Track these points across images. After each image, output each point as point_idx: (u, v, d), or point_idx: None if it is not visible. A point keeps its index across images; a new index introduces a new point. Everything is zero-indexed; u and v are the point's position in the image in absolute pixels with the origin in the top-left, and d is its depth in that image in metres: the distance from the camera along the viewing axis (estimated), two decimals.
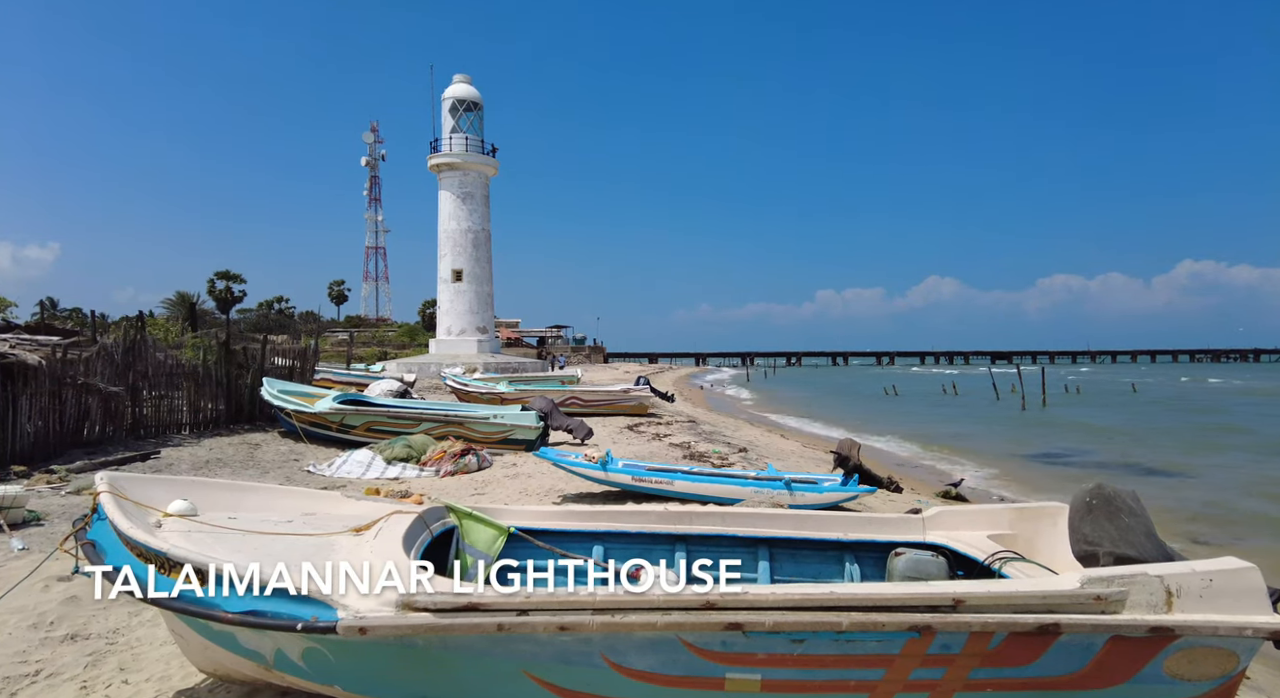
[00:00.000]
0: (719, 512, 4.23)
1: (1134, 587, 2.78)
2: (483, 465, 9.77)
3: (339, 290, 78.08)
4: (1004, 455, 16.00)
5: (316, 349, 20.53)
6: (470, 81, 39.03)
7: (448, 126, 37.86)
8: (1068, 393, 38.48)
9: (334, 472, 9.47)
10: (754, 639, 2.64)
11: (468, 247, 37.61)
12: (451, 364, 31.20)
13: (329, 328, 61.51)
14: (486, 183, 38.67)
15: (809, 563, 4.08)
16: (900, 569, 3.67)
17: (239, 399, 12.96)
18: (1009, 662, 2.77)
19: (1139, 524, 3.32)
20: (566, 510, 4.16)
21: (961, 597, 2.72)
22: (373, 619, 2.53)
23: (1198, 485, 12.48)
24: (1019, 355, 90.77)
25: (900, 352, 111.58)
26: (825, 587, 2.74)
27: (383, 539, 3.06)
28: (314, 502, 3.82)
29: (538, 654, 2.65)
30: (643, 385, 18.82)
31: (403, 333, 58.82)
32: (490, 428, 11.19)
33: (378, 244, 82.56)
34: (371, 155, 79.44)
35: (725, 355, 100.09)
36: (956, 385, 43.20)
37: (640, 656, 2.64)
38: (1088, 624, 2.73)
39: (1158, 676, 2.79)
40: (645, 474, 7.60)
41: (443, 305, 38.51)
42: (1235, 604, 2.75)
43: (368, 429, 11.29)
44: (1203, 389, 44.11)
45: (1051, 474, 13.52)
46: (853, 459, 7.91)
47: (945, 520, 4.05)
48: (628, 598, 2.61)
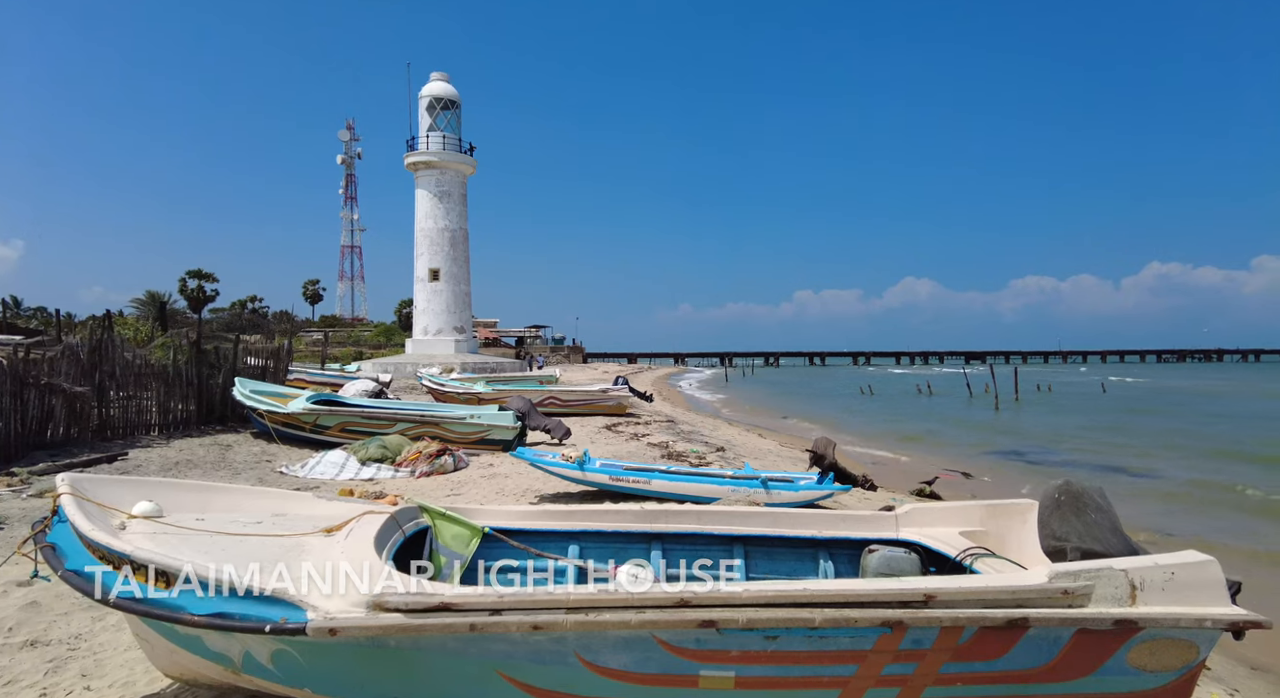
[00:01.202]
0: (695, 510, 4.24)
1: (1099, 581, 2.83)
2: (459, 466, 9.70)
3: (314, 290, 77.15)
4: (977, 453, 16.22)
5: (290, 349, 20.26)
6: (448, 80, 38.76)
7: (425, 125, 37.56)
8: (1039, 392, 39.11)
9: (307, 473, 9.35)
10: (728, 637, 2.65)
11: (445, 246, 37.33)
12: (428, 364, 30.97)
13: (303, 328, 60.72)
14: (464, 182, 38.42)
15: (784, 561, 4.10)
16: (874, 566, 3.70)
17: (210, 400, 12.75)
18: (979, 656, 2.80)
19: (1105, 520, 3.38)
20: (542, 510, 4.14)
21: (933, 593, 2.75)
22: (343, 620, 2.50)
23: (1163, 482, 12.75)
24: (992, 355, 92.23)
25: (876, 352, 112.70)
26: (798, 584, 2.75)
27: (354, 540, 3.03)
28: (284, 502, 3.77)
29: (511, 654, 2.63)
30: (621, 385, 18.81)
31: (379, 333, 58.25)
32: (467, 428, 11.11)
33: (353, 243, 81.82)
34: (347, 153, 78.61)
35: (704, 355, 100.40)
36: (931, 385, 43.72)
37: (614, 654, 2.63)
38: (1055, 618, 2.77)
39: (1122, 667, 2.85)
40: (623, 474, 7.59)
41: (419, 305, 38.18)
42: (1196, 597, 2.82)
43: (342, 430, 11.15)
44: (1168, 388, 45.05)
45: (1022, 471, 13.73)
46: (828, 458, 7.97)
47: (918, 518, 4.09)
48: (602, 597, 2.61)
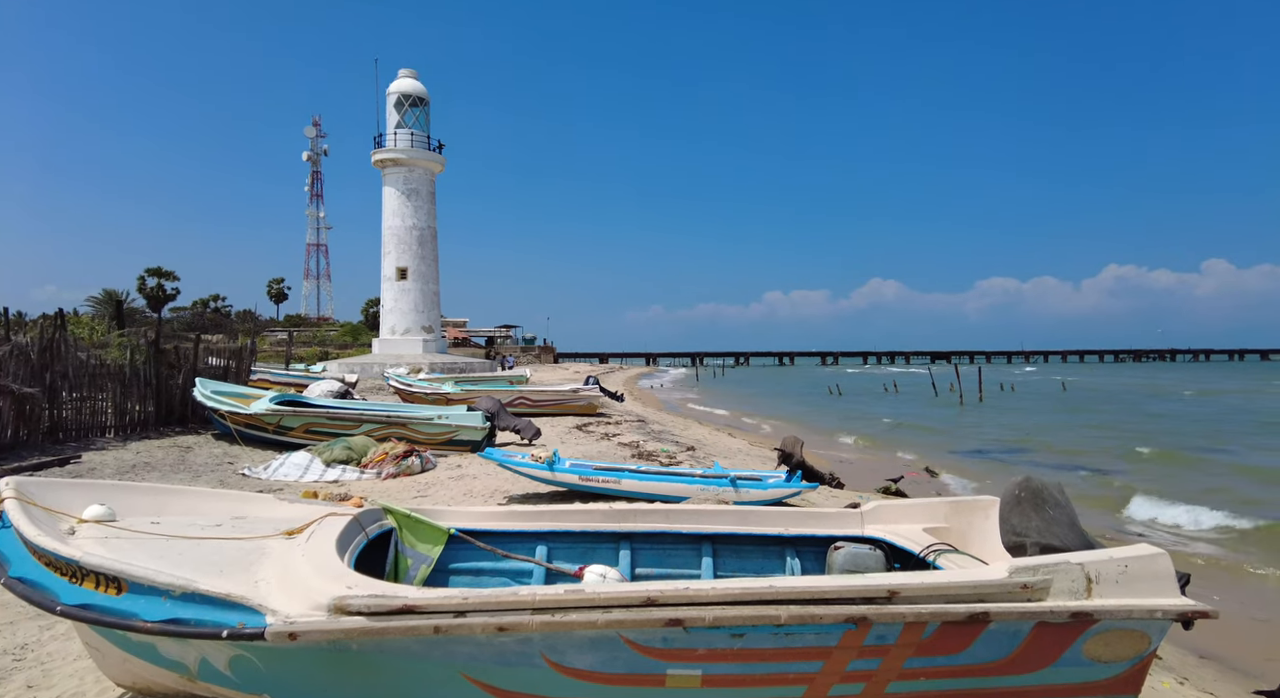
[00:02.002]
0: (663, 509, 4.23)
1: (1057, 575, 2.89)
2: (426, 467, 9.59)
3: (278, 289, 75.75)
4: (941, 451, 16.50)
5: (253, 349, 19.85)
6: (416, 76, 38.35)
7: (392, 122, 37.11)
8: (1003, 391, 39.96)
9: (270, 474, 9.16)
10: (695, 635, 2.65)
11: (413, 244, 36.90)
12: (395, 364, 30.60)
13: (267, 327, 59.61)
14: (432, 179, 38.03)
15: (751, 558, 4.12)
16: (839, 563, 3.74)
17: (169, 400, 12.44)
18: (942, 650, 2.85)
19: (1063, 515, 3.46)
20: (509, 511, 4.11)
21: (896, 588, 2.78)
22: (303, 624, 2.44)
23: (1119, 477, 13.09)
24: (957, 355, 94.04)
25: (844, 352, 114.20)
26: (764, 581, 2.76)
27: (315, 542, 2.97)
28: (245, 505, 3.68)
29: (476, 656, 2.60)
30: (592, 385, 18.76)
31: (345, 332, 57.39)
32: (434, 429, 10.99)
33: (319, 241, 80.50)
34: (313, 150, 77.31)
35: (676, 356, 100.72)
36: (898, 384, 44.43)
37: (580, 654, 2.62)
38: (1015, 612, 2.83)
39: (1078, 659, 2.91)
40: (592, 474, 7.57)
41: (387, 304, 37.70)
42: (1148, 588, 2.89)
43: (306, 431, 10.96)
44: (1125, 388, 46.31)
45: (985, 468, 14.00)
46: (796, 456, 8.05)
47: (883, 514, 4.14)
48: (568, 597, 2.59)
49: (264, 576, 2.68)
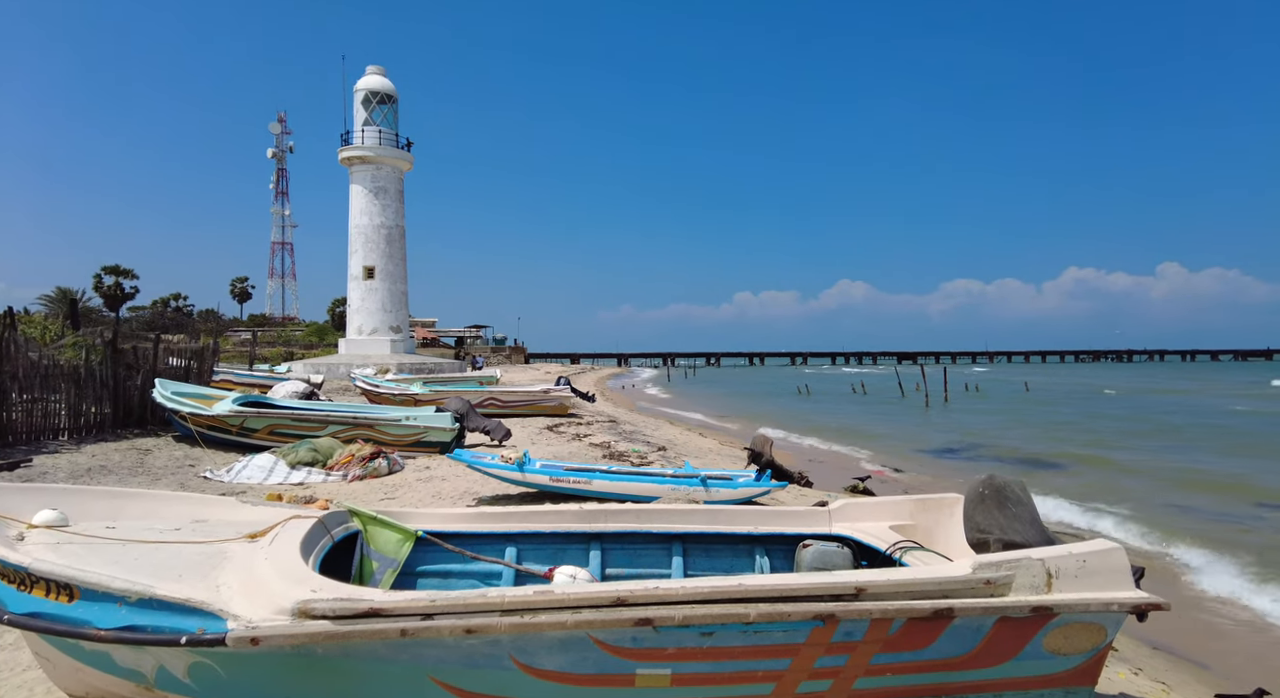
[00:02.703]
0: (634, 509, 4.23)
1: (1019, 570, 2.96)
2: (394, 469, 9.47)
3: (242, 288, 74.25)
4: (908, 450, 16.76)
5: (216, 349, 19.42)
6: (384, 73, 37.87)
7: (360, 119, 36.61)
8: (967, 391, 40.74)
9: (233, 477, 8.97)
10: (664, 634, 2.66)
11: (380, 243, 36.43)
12: (362, 365, 30.19)
13: (231, 327, 58.42)
14: (400, 177, 37.58)
15: (721, 557, 4.14)
16: (807, 560, 3.77)
17: (127, 402, 12.10)
18: (907, 646, 2.89)
19: (1025, 512, 3.54)
20: (477, 513, 4.07)
21: (863, 586, 2.81)
22: (266, 629, 2.39)
23: (1080, 474, 13.43)
24: (923, 356, 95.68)
25: (813, 352, 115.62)
26: (734, 579, 2.78)
27: (279, 545, 2.91)
28: (206, 508, 3.60)
29: (444, 659, 2.58)
30: (563, 386, 18.69)
31: (310, 332, 56.47)
32: (402, 430, 10.86)
33: (284, 240, 79.06)
34: (279, 147, 75.86)
35: (647, 356, 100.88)
36: (865, 384, 45.01)
37: (550, 656, 2.61)
38: (978, 607, 2.88)
39: (1039, 652, 2.98)
40: (563, 474, 7.54)
41: (353, 304, 37.16)
42: (1104, 582, 2.97)
43: (270, 432, 10.75)
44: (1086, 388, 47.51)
45: (951, 467, 14.25)
46: (766, 455, 8.11)
47: (850, 513, 4.19)
48: (537, 598, 2.58)
49: (225, 580, 2.62)
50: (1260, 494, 11.54)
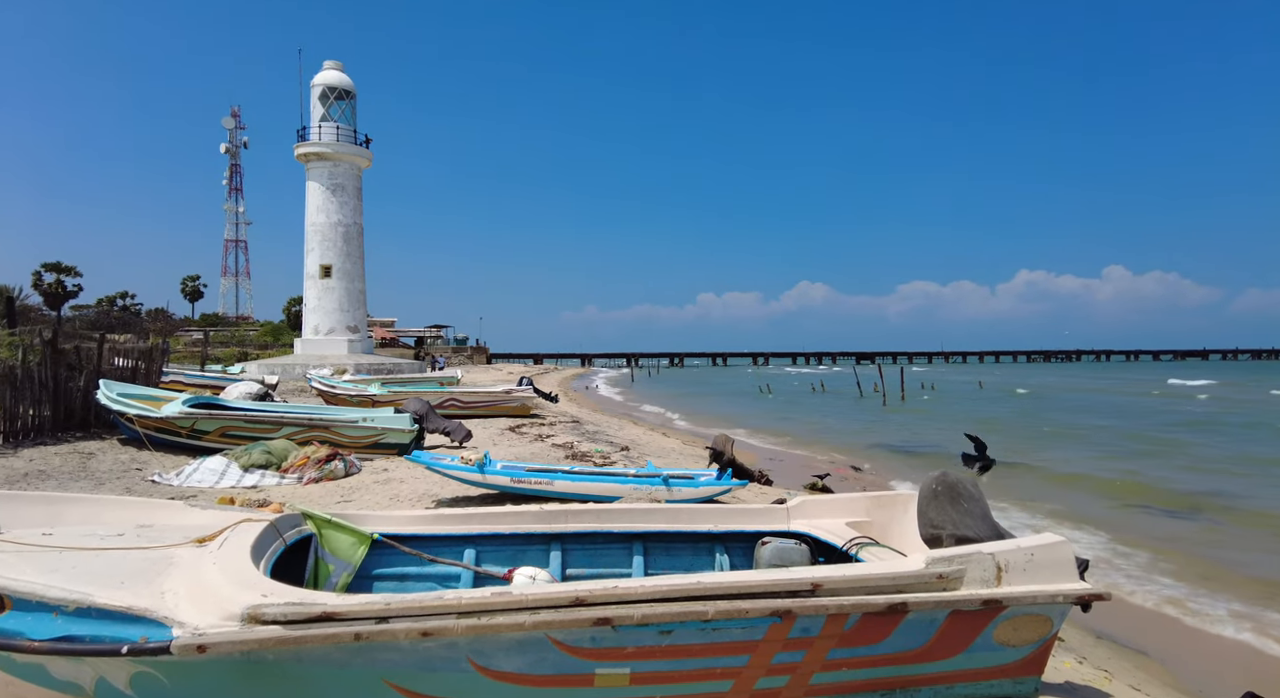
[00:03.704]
0: (595, 509, 4.23)
1: (970, 565, 3.03)
2: (350, 471, 9.29)
3: (194, 286, 72.12)
4: (866, 448, 17.04)
5: (166, 349, 18.83)
6: (342, 68, 37.16)
7: (317, 115, 35.87)
8: (923, 390, 41.65)
9: (183, 481, 8.70)
10: (623, 633, 2.66)
11: (338, 241, 35.75)
12: (319, 365, 29.58)
13: (181, 326, 56.74)
14: (359, 175, 36.93)
15: (682, 556, 4.16)
16: (766, 557, 3.81)
17: (69, 404, 11.63)
18: (863, 641, 2.94)
19: (976, 508, 3.63)
20: (435, 514, 4.02)
21: (819, 581, 2.86)
22: (213, 636, 2.33)
23: (1031, 470, 13.82)
24: (881, 356, 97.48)
25: (775, 352, 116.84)
26: (692, 577, 2.79)
27: (228, 549, 2.84)
28: (151, 512, 3.49)
29: (399, 663, 2.54)
30: (525, 386, 18.54)
31: (265, 332, 55.15)
32: (359, 432, 10.66)
33: (238, 237, 77.14)
34: (232, 142, 73.93)
35: (611, 356, 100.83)
36: (825, 384, 45.71)
37: (508, 657, 2.59)
38: (931, 601, 2.95)
39: (989, 644, 3.06)
40: (524, 475, 7.48)
41: (310, 303, 36.39)
42: (1051, 575, 3.07)
43: (222, 434, 10.45)
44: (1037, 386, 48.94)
45: (906, 464, 14.54)
46: (727, 454, 8.17)
47: (808, 510, 4.25)
48: (495, 600, 2.56)
49: (171, 586, 2.55)
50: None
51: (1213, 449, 17.28)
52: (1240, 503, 10.94)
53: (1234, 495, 11.44)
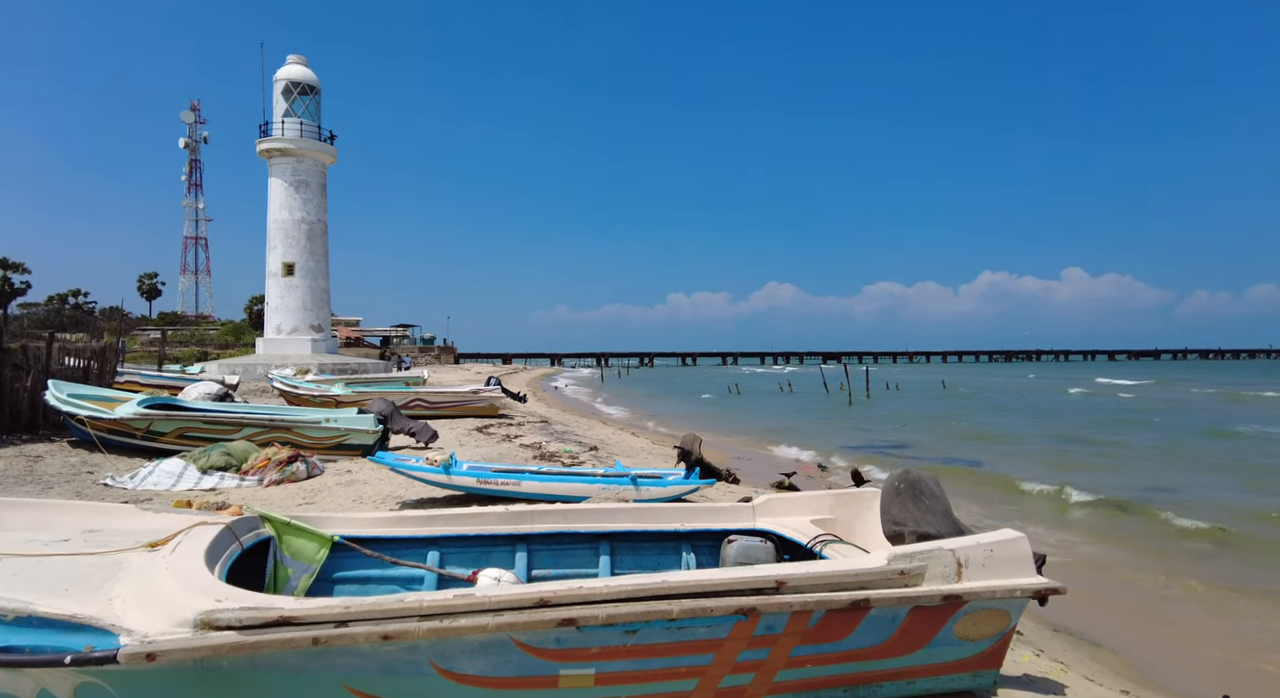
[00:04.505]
0: (561, 509, 4.20)
1: (931, 561, 3.08)
2: (313, 473, 9.12)
3: (151, 284, 70.19)
4: (832, 446, 17.24)
5: (121, 348, 18.30)
6: (306, 63, 36.49)
7: (280, 110, 35.18)
8: (888, 389, 42.32)
9: (138, 484, 8.45)
10: (588, 634, 2.65)
11: (301, 238, 35.10)
12: (281, 365, 29.02)
13: (138, 325, 55.21)
14: (323, 171, 36.30)
15: (648, 555, 4.16)
16: (732, 556, 3.83)
17: (15, 405, 11.24)
18: (827, 638, 2.97)
19: (938, 505, 3.68)
20: (399, 516, 3.96)
21: (784, 579, 2.88)
22: (164, 643, 2.26)
23: (990, 468, 14.10)
24: (847, 355, 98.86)
25: (743, 352, 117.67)
26: (658, 576, 2.79)
27: (181, 554, 2.76)
28: (100, 516, 3.37)
29: (360, 667, 2.50)
30: (494, 386, 18.38)
31: (226, 331, 53.97)
32: (322, 433, 10.47)
33: (198, 234, 75.18)
34: (191, 137, 72.02)
35: (581, 356, 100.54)
36: (792, 383, 46.14)
37: (471, 659, 2.56)
38: (893, 597, 2.98)
39: (950, 639, 3.11)
40: (491, 476, 7.41)
41: (272, 302, 35.67)
42: (1009, 570, 3.13)
43: (180, 436, 10.19)
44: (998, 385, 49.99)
45: (871, 462, 14.73)
46: (695, 453, 8.19)
47: (773, 508, 4.27)
48: (457, 602, 2.53)
49: (119, 593, 2.46)
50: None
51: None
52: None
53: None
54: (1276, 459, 15.57)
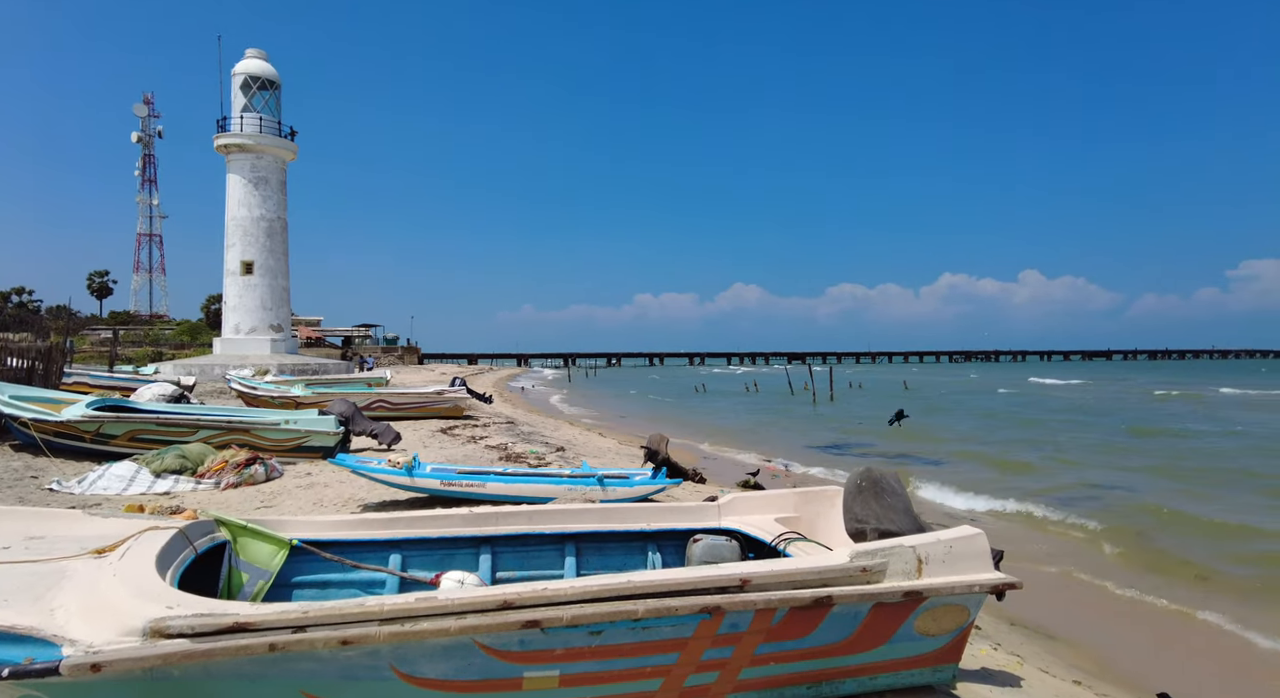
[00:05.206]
0: (526, 511, 4.17)
1: (893, 558, 3.12)
2: (272, 476, 8.91)
3: (102, 283, 68.02)
4: (797, 445, 17.43)
5: (69, 349, 17.68)
6: (266, 58, 35.69)
7: (238, 105, 34.36)
8: (851, 389, 42.91)
9: (87, 488, 8.17)
10: (553, 635, 2.63)
11: (260, 236, 34.32)
12: (240, 366, 28.36)
13: (88, 325, 53.42)
14: (283, 168, 35.55)
15: (615, 555, 4.15)
16: (698, 555, 3.84)
17: None
18: (790, 635, 2.99)
19: (899, 502, 3.74)
20: (360, 519, 3.89)
21: (748, 577, 2.89)
22: (110, 653, 2.18)
23: (950, 465, 14.39)
24: (811, 356, 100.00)
25: (710, 353, 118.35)
26: (622, 576, 2.78)
27: (130, 560, 2.67)
28: (43, 523, 3.24)
29: (318, 673, 2.44)
30: (458, 387, 18.17)
31: (182, 331, 52.56)
32: (282, 434, 10.25)
33: (153, 231, 72.97)
34: (145, 131, 69.84)
35: (548, 356, 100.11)
36: (758, 383, 46.53)
37: (432, 663, 2.53)
38: (855, 594, 3.02)
39: (910, 634, 3.16)
40: (455, 478, 7.33)
41: (230, 301, 34.83)
42: (968, 566, 3.19)
43: (132, 439, 9.87)
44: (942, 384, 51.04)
45: (834, 460, 14.93)
46: (661, 453, 8.20)
47: (738, 506, 4.29)
48: (418, 605, 2.49)
49: (62, 602, 2.37)
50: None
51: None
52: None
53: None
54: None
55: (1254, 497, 11.44)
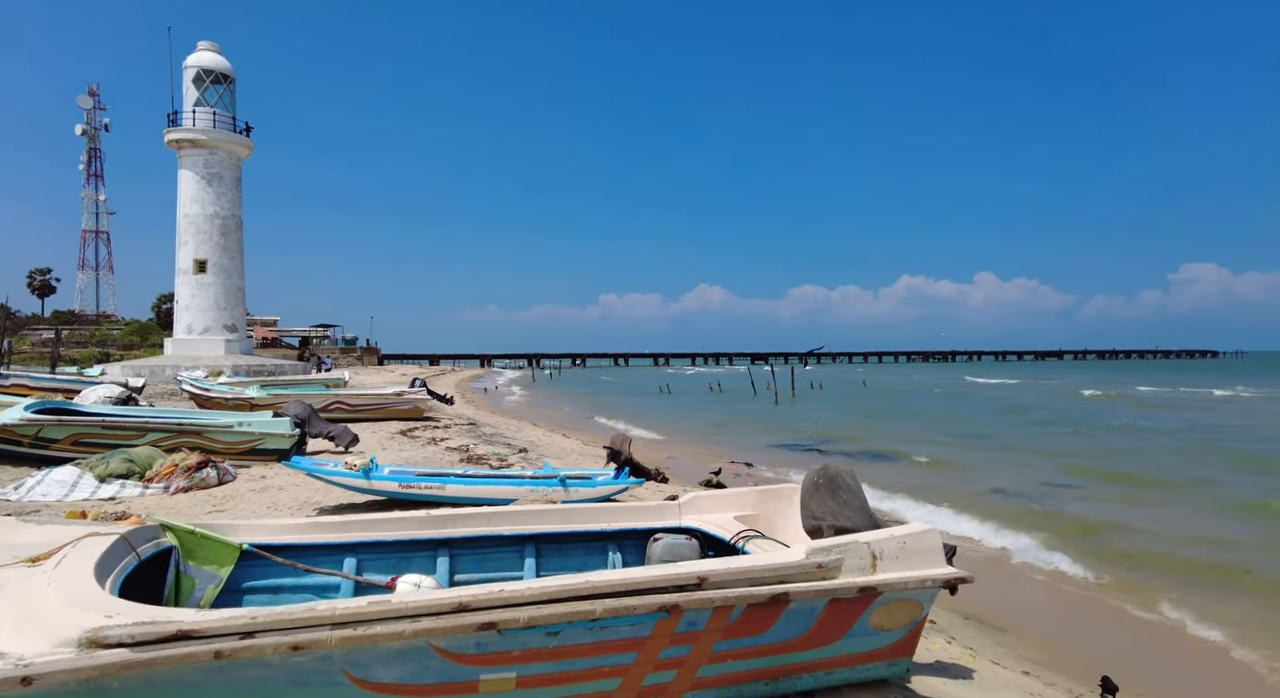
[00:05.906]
0: (485, 512, 4.13)
1: (848, 554, 3.17)
2: (224, 479, 8.68)
3: (43, 281, 65.52)
4: (759, 444, 17.60)
5: (7, 349, 16.98)
6: (219, 51, 34.71)
7: (190, 98, 33.35)
8: (812, 389, 43.51)
9: (24, 495, 7.84)
10: (509, 637, 2.61)
11: (213, 234, 33.40)
12: (192, 367, 27.57)
13: (28, 325, 51.40)
14: (238, 164, 34.65)
15: (575, 556, 4.13)
16: (658, 553, 3.84)
17: None
18: (747, 632, 3.01)
19: (855, 499, 3.79)
20: (313, 522, 3.81)
21: (705, 575, 2.90)
22: (42, 665, 2.09)
23: (907, 462, 14.68)
24: (774, 356, 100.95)
25: (675, 353, 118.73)
26: (580, 577, 2.77)
27: (66, 568, 2.57)
28: None
29: (267, 679, 2.38)
30: (418, 388, 17.92)
31: (131, 331, 50.88)
32: (235, 437, 9.98)
33: (99, 228, 70.45)
34: (90, 124, 67.43)
35: (511, 357, 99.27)
36: (721, 383, 46.87)
37: (386, 668, 2.48)
38: (811, 591, 3.05)
39: (865, 630, 3.21)
40: (414, 480, 7.22)
41: (182, 300, 33.82)
42: (921, 561, 3.25)
43: (75, 443, 9.51)
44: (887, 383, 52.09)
45: (795, 458, 15.12)
46: (624, 453, 8.20)
47: (698, 505, 4.31)
48: (372, 609, 2.44)
49: None
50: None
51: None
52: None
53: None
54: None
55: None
